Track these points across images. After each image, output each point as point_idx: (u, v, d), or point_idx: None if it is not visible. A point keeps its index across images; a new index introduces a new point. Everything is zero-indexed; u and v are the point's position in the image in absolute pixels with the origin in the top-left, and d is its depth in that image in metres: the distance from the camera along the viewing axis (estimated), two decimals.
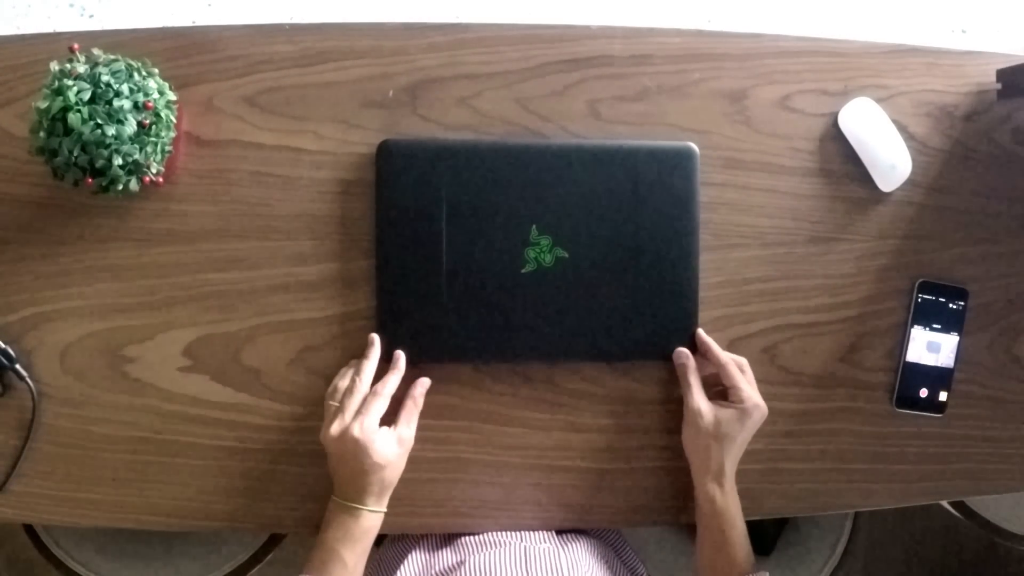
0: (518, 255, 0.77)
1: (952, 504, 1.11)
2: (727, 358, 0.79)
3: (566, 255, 0.77)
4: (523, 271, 0.77)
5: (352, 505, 0.73)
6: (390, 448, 0.73)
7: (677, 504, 0.84)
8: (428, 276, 0.77)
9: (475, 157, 0.77)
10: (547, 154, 0.78)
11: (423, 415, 0.80)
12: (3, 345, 0.78)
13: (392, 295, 0.77)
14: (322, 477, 0.79)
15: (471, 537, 0.83)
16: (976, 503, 1.11)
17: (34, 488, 0.80)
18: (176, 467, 0.80)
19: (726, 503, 0.77)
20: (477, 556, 0.78)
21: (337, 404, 0.74)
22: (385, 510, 0.75)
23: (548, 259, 0.77)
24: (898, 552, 1.68)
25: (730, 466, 0.77)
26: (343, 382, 0.76)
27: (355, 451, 0.71)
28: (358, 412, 0.72)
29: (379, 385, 0.75)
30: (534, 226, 0.77)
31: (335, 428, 0.72)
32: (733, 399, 0.78)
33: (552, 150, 0.78)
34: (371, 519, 0.74)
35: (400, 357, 0.77)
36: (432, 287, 0.77)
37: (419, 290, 0.77)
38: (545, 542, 0.82)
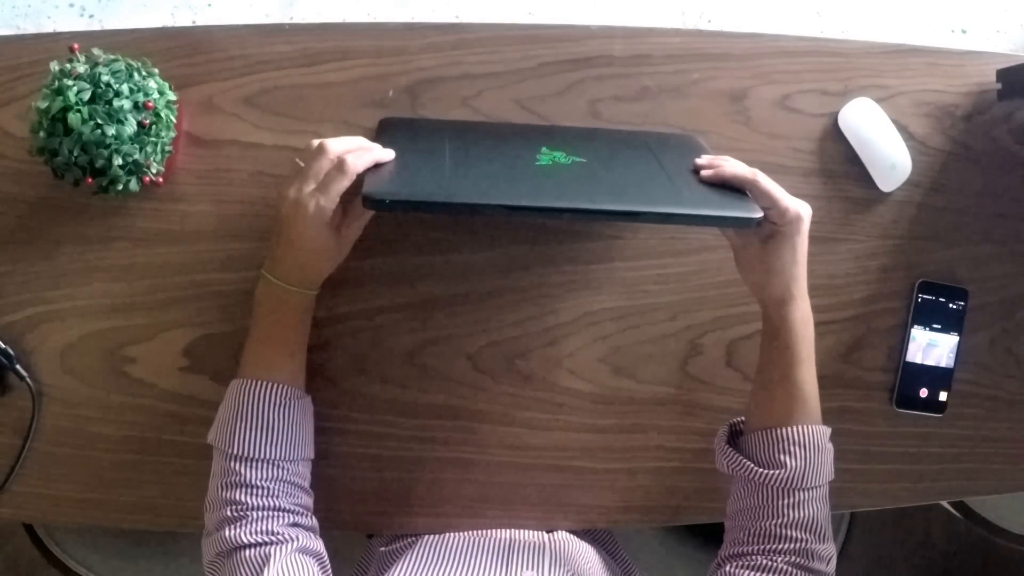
0: (532, 156, 0.71)
1: (952, 504, 1.11)
2: (747, 169, 0.67)
3: (583, 160, 0.71)
4: (537, 164, 0.70)
5: (284, 285, 0.68)
6: (327, 237, 0.67)
7: (677, 504, 0.84)
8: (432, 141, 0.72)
9: (478, 130, 0.76)
10: (555, 133, 0.76)
11: (424, 415, 0.79)
12: (3, 345, 0.78)
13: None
14: (321, 477, 0.79)
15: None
16: (976, 503, 1.11)
17: (34, 488, 0.80)
18: (176, 467, 0.80)
19: (794, 319, 0.68)
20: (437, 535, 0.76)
21: (303, 164, 0.66)
22: (316, 291, 0.71)
23: (565, 161, 0.71)
24: (898, 552, 1.68)
25: (796, 287, 0.67)
26: (317, 142, 0.67)
27: (300, 228, 0.65)
28: (320, 184, 0.64)
29: (349, 157, 0.65)
30: (544, 147, 0.73)
31: (292, 191, 0.65)
32: (774, 217, 0.65)
33: (556, 131, 0.76)
34: (306, 299, 0.70)
35: (388, 151, 0.68)
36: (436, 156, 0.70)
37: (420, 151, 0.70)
38: (533, 538, 0.80)
